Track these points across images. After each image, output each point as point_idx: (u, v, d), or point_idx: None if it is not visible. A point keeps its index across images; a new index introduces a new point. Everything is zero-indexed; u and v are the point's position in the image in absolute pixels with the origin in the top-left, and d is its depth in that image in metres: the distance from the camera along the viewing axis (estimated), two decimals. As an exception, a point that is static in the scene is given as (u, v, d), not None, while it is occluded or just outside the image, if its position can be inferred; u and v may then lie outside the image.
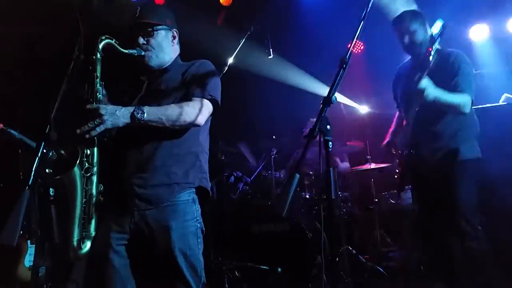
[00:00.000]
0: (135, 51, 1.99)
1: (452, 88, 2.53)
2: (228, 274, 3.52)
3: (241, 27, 4.23)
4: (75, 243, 1.78)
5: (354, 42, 1.77)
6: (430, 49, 2.38)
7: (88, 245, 1.81)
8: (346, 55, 1.74)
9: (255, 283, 3.45)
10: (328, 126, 1.64)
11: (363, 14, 1.81)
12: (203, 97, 1.97)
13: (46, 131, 1.46)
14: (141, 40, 2.02)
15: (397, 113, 2.96)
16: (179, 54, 2.17)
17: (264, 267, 3.40)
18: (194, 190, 1.98)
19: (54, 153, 1.59)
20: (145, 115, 1.83)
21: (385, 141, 2.91)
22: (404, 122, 2.71)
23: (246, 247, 3.52)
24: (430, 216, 2.64)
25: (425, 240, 2.81)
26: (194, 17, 4.45)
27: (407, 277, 3.67)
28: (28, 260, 3.49)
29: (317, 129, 1.63)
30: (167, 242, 1.85)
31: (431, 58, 2.40)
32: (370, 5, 1.84)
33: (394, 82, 2.93)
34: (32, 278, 3.06)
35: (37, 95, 3.20)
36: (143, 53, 2.02)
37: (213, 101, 2.01)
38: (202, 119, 1.96)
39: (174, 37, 2.14)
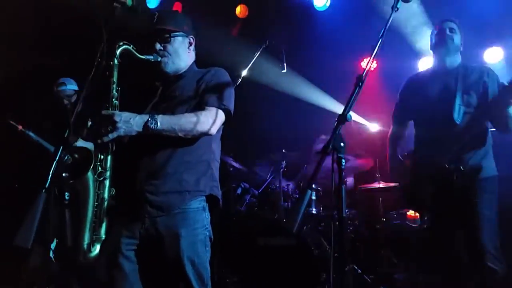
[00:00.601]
0: (151, 57, 2.01)
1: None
2: (231, 286, 3.50)
3: (256, 39, 4.27)
4: (85, 246, 1.80)
5: (371, 60, 1.77)
6: None
7: (97, 248, 1.83)
8: (363, 73, 1.75)
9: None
10: (342, 144, 1.65)
11: (381, 32, 1.82)
12: (216, 106, 1.99)
13: (66, 135, 1.48)
14: (158, 46, 2.04)
15: (390, 133, 2.87)
16: (195, 61, 2.19)
17: (267, 282, 3.38)
18: (204, 198, 1.99)
19: (70, 157, 1.61)
20: (158, 125, 1.85)
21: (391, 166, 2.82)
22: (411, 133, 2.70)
23: (251, 259, 3.50)
24: (446, 235, 2.57)
25: (439, 259, 2.67)
26: (210, 27, 4.51)
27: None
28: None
29: (330, 146, 1.63)
30: (176, 249, 1.87)
31: None
32: (388, 24, 1.85)
33: (405, 93, 2.82)
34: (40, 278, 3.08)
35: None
36: (159, 59, 2.03)
37: (226, 110, 2.02)
38: (214, 128, 1.97)
39: (190, 44, 2.15)
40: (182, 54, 2.10)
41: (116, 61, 1.88)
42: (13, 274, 3.03)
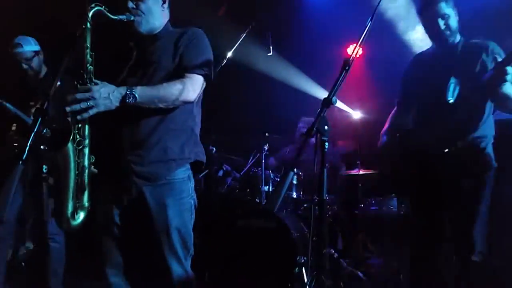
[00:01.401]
0: (124, 16, 1.94)
1: None
2: (209, 268, 3.52)
3: (243, 21, 4.22)
4: (69, 214, 1.79)
5: (359, 44, 1.76)
6: None
7: (81, 215, 1.83)
8: (350, 57, 1.74)
9: (236, 277, 3.45)
10: (326, 127, 1.65)
11: (370, 18, 1.81)
12: (196, 73, 1.96)
13: (44, 107, 1.44)
14: (131, 5, 1.97)
15: (393, 112, 2.69)
16: (169, 20, 2.12)
17: (246, 263, 3.41)
18: (189, 166, 2.01)
19: (48, 131, 1.57)
20: (137, 98, 1.82)
21: (382, 141, 2.63)
22: (413, 117, 2.49)
23: (230, 240, 3.52)
24: (427, 221, 2.43)
25: (417, 248, 2.51)
26: (195, 5, 4.43)
27: (385, 284, 3.71)
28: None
29: (315, 129, 1.64)
30: (164, 218, 1.92)
31: None
32: (376, 10, 1.84)
33: (407, 76, 2.60)
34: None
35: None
36: (132, 18, 1.96)
37: (206, 76, 2.00)
38: (195, 95, 1.95)
39: (164, 1, 2.08)
40: (156, 12, 2.02)
41: (88, 24, 1.81)
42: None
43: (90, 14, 1.82)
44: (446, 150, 2.28)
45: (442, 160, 2.30)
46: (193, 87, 1.93)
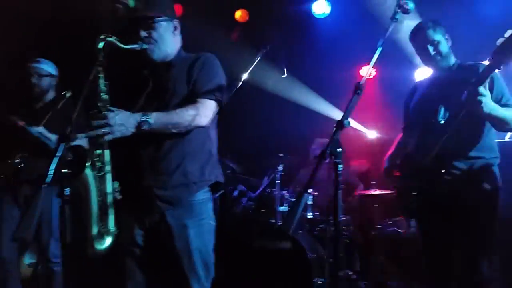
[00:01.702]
0: (137, 45, 1.97)
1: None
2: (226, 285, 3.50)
3: (256, 44, 4.31)
4: (93, 239, 1.83)
5: (370, 68, 1.80)
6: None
7: (107, 241, 1.87)
8: (361, 81, 1.78)
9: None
10: (339, 149, 1.67)
11: (381, 42, 1.85)
12: (208, 98, 2.00)
13: (67, 132, 1.50)
14: (143, 34, 2.00)
15: (400, 136, 2.73)
16: (182, 46, 2.16)
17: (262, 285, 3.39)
18: (209, 188, 2.05)
19: (70, 154, 1.63)
20: (152, 125, 1.86)
21: (385, 166, 2.66)
22: (405, 140, 2.53)
23: (246, 262, 3.51)
24: (434, 245, 2.42)
25: (430, 272, 2.46)
26: (209, 30, 4.55)
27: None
28: (28, 257, 3.51)
29: (328, 151, 1.66)
30: (185, 239, 1.95)
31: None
32: (388, 33, 1.89)
33: (408, 96, 2.66)
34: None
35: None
36: (145, 47, 2.00)
37: (218, 101, 2.04)
38: (206, 120, 1.99)
39: (175, 28, 2.11)
40: (168, 39, 2.06)
41: (100, 57, 1.85)
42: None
43: (100, 46, 1.85)
44: (443, 170, 2.28)
45: (440, 182, 2.29)
46: (204, 112, 1.97)
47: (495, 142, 2.39)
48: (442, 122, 2.32)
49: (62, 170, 1.53)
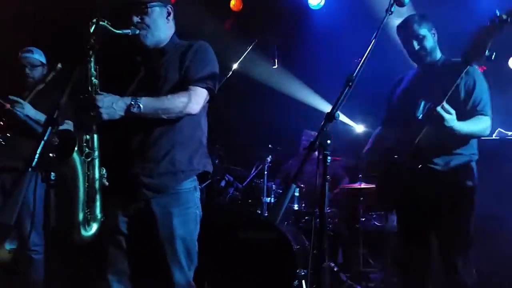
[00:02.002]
0: (129, 30, 1.94)
1: (468, 108, 2.29)
2: (209, 277, 3.52)
3: (249, 34, 4.29)
4: (80, 225, 1.81)
5: (363, 61, 1.80)
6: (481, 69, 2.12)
7: (94, 227, 1.86)
8: (353, 74, 1.78)
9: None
10: (329, 141, 1.68)
11: (374, 35, 1.85)
12: (199, 86, 1.98)
13: (54, 116, 1.47)
14: (135, 19, 1.97)
15: (377, 130, 2.75)
16: (175, 32, 2.13)
17: (246, 274, 3.41)
18: (196, 177, 2.04)
19: (57, 139, 1.61)
20: (142, 108, 1.84)
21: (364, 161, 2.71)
22: (391, 132, 2.51)
23: (231, 251, 3.52)
24: (415, 240, 2.43)
25: (406, 265, 2.51)
26: (202, 18, 4.51)
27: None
28: (9, 243, 3.47)
29: (317, 143, 1.66)
30: (169, 228, 1.94)
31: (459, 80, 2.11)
32: (381, 26, 1.89)
33: (391, 94, 2.66)
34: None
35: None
36: (137, 32, 1.97)
37: (209, 89, 2.02)
38: (198, 108, 1.98)
39: (169, 14, 2.08)
40: (161, 25, 2.03)
41: (92, 40, 1.81)
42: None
43: (92, 30, 1.81)
44: (420, 166, 2.29)
45: (418, 177, 2.30)
46: (196, 99, 1.96)
47: (474, 139, 2.41)
48: (420, 117, 2.33)
49: (49, 155, 1.50)
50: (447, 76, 2.23)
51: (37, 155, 1.35)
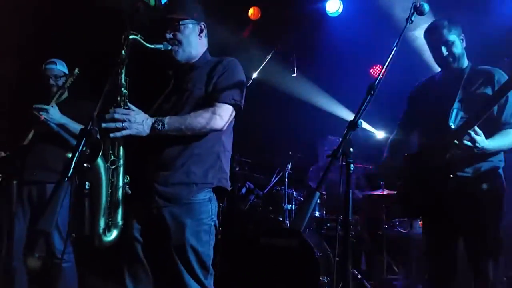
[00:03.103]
0: (161, 46, 2.00)
1: (497, 122, 2.28)
2: (232, 283, 3.54)
3: (268, 42, 4.33)
4: (100, 231, 1.85)
5: (385, 69, 1.81)
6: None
7: (114, 233, 1.89)
8: (375, 81, 1.79)
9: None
10: (351, 149, 1.69)
11: (396, 42, 1.86)
12: (226, 102, 2.00)
13: (88, 127, 1.53)
14: (168, 35, 2.03)
15: (391, 137, 2.71)
16: (207, 49, 2.17)
17: (268, 281, 3.42)
18: (211, 189, 2.03)
19: (88, 150, 1.66)
20: (166, 126, 1.89)
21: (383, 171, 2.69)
22: (417, 141, 2.50)
23: (253, 258, 3.54)
24: (443, 246, 2.40)
25: (433, 272, 2.46)
26: (222, 27, 4.58)
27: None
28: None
29: (340, 151, 1.68)
30: (181, 238, 1.93)
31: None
32: (402, 35, 1.90)
33: (412, 97, 2.64)
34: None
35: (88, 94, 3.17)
36: (170, 48, 2.02)
37: (236, 106, 2.04)
38: (222, 124, 1.99)
39: (201, 31, 2.12)
40: (193, 41, 2.08)
41: (124, 52, 1.87)
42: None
43: (126, 43, 1.88)
44: (451, 176, 2.27)
45: (450, 184, 2.27)
46: (221, 115, 1.96)
47: None
48: (453, 127, 2.31)
49: (84, 165, 1.55)
50: (481, 88, 2.26)
51: (72, 166, 1.41)
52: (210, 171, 2.01)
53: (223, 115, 1.99)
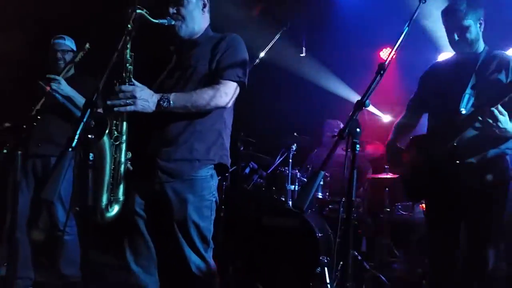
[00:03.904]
0: (165, 21, 1.99)
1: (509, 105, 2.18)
2: (233, 262, 3.59)
3: (277, 22, 4.26)
4: (103, 206, 1.87)
5: (395, 50, 1.78)
6: None
7: (116, 208, 1.92)
8: (385, 61, 1.76)
9: (259, 272, 3.51)
10: (358, 129, 1.67)
11: (407, 23, 1.82)
12: (231, 79, 2.00)
13: (93, 98, 1.53)
14: (171, 10, 2.02)
15: (398, 120, 2.69)
16: (210, 24, 2.17)
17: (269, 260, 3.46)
18: (213, 166, 2.06)
19: (93, 121, 1.67)
20: (171, 103, 1.89)
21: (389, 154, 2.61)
22: (428, 125, 2.47)
23: (255, 237, 3.58)
24: (446, 230, 2.40)
25: (433, 255, 2.50)
26: (230, 5, 4.51)
27: (408, 289, 3.69)
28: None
29: (347, 130, 1.66)
30: (183, 213, 1.97)
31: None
32: (414, 16, 1.86)
33: (423, 80, 2.59)
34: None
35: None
36: (173, 23, 2.01)
37: (240, 83, 2.05)
38: (227, 101, 2.00)
39: (204, 5, 2.12)
40: (196, 17, 2.07)
41: (129, 26, 1.87)
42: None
43: (132, 17, 1.87)
44: (458, 161, 2.25)
45: (456, 170, 2.26)
46: (225, 93, 1.98)
47: None
48: (464, 112, 2.28)
49: (88, 136, 1.56)
50: (495, 74, 2.21)
51: (77, 136, 1.41)
52: (212, 148, 2.04)
53: (228, 92, 1.99)
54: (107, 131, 1.84)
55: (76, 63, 3.21)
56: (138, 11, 1.88)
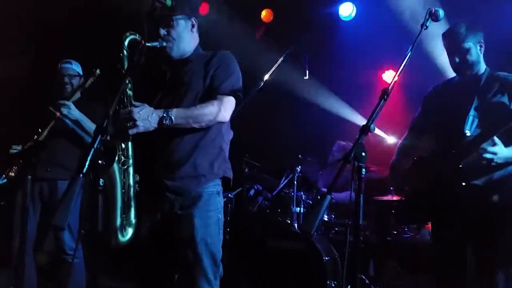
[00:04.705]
0: (157, 43, 2.04)
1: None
2: (239, 285, 3.55)
3: (280, 45, 4.34)
4: (118, 231, 1.89)
5: (398, 74, 1.81)
6: None
7: (130, 232, 1.93)
8: (389, 86, 1.79)
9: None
10: (363, 153, 1.69)
11: (410, 48, 1.86)
12: (227, 94, 2.05)
13: (104, 125, 1.55)
14: (162, 32, 2.07)
15: (401, 141, 2.66)
16: (199, 43, 2.22)
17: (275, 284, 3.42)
18: (219, 181, 2.08)
19: (102, 146, 1.69)
20: (173, 120, 1.92)
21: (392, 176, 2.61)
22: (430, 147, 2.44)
23: (260, 260, 3.54)
24: (453, 254, 2.36)
25: (441, 277, 2.42)
26: (233, 29, 4.60)
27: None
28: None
29: (352, 155, 1.68)
30: (191, 229, 1.97)
31: None
32: (416, 41, 1.89)
33: (428, 100, 2.58)
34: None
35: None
36: (164, 44, 2.07)
37: (236, 96, 2.09)
38: (227, 115, 2.05)
39: (193, 26, 2.17)
40: (185, 37, 2.12)
41: (125, 52, 1.93)
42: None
43: (126, 42, 1.95)
44: (463, 183, 2.23)
45: (462, 192, 2.24)
46: (225, 108, 2.02)
47: None
48: (469, 135, 2.27)
49: (98, 161, 1.58)
50: (497, 96, 2.23)
51: (87, 162, 1.43)
52: (215, 162, 2.06)
53: (227, 107, 2.05)
54: (116, 158, 1.87)
55: (87, 87, 3.25)
56: (131, 36, 1.95)
